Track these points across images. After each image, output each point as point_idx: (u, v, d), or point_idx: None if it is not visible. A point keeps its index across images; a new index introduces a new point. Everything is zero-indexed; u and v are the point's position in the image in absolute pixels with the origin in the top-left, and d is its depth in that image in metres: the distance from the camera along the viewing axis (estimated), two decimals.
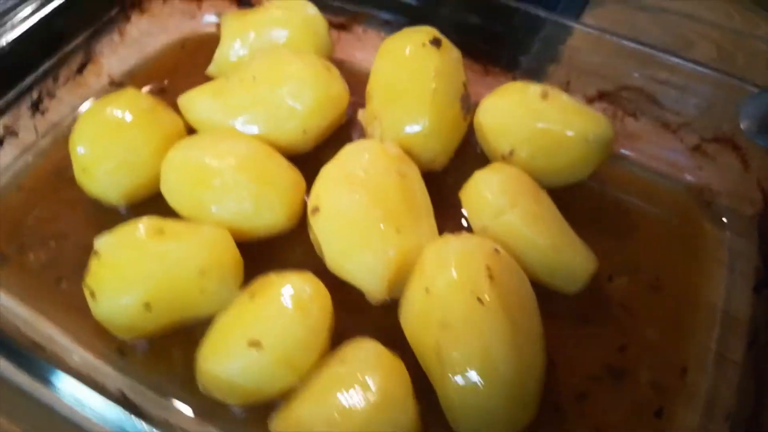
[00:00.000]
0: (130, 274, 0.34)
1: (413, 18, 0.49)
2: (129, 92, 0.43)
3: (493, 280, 0.32)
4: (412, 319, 0.34)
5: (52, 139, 0.47)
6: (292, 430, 0.31)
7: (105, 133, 0.40)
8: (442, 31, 0.46)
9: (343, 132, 0.46)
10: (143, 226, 0.36)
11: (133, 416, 0.30)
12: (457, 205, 0.41)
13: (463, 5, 0.49)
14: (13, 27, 0.44)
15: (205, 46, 0.53)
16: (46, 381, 0.31)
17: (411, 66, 0.41)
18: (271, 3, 0.49)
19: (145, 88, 0.50)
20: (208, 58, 0.51)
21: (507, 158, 0.42)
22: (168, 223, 0.37)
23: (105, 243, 0.35)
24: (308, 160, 0.43)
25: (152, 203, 0.42)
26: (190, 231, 0.36)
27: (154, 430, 0.30)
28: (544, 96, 0.41)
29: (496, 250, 0.34)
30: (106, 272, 0.34)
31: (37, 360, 0.32)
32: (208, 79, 0.49)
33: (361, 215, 0.35)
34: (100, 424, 0.32)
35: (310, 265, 0.38)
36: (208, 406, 0.35)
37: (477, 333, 0.31)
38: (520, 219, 0.37)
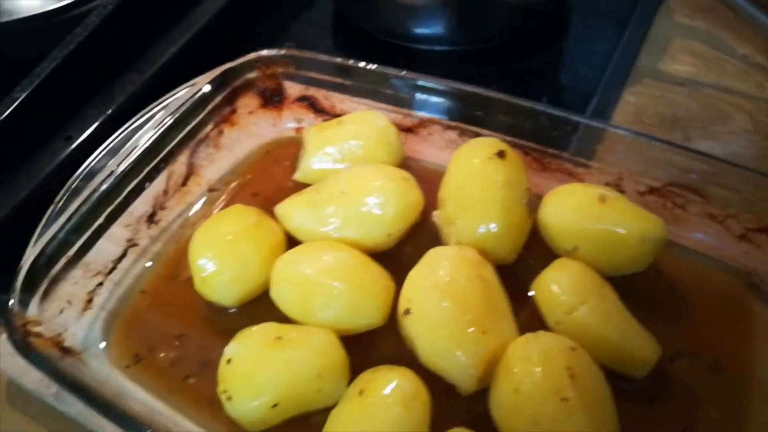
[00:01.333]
0: (261, 381, 0.41)
1: (470, 121, 0.56)
2: (236, 208, 0.51)
3: (574, 378, 0.38)
4: (504, 414, 0.40)
5: (163, 244, 0.54)
6: None
7: (220, 248, 0.48)
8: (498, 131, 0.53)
9: (417, 227, 0.53)
10: (263, 334, 0.43)
11: None
12: (527, 294, 0.47)
13: (510, 111, 0.55)
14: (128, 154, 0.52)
15: (286, 149, 0.61)
16: None
17: (480, 177, 0.48)
18: (347, 116, 0.57)
19: (236, 188, 0.58)
20: (290, 159, 0.59)
21: (571, 254, 0.47)
22: (282, 329, 0.44)
23: (234, 352, 0.42)
24: (391, 256, 0.50)
25: (257, 301, 0.49)
26: (304, 337, 0.43)
27: None
28: (602, 200, 0.46)
29: (573, 348, 0.40)
30: (239, 378, 0.41)
31: None
32: (291, 180, 0.57)
33: (450, 320, 0.42)
34: None
35: (401, 355, 0.44)
36: None
37: (563, 430, 0.37)
38: (590, 315, 0.43)
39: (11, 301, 0.42)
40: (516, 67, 0.76)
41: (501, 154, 0.48)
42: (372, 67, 0.56)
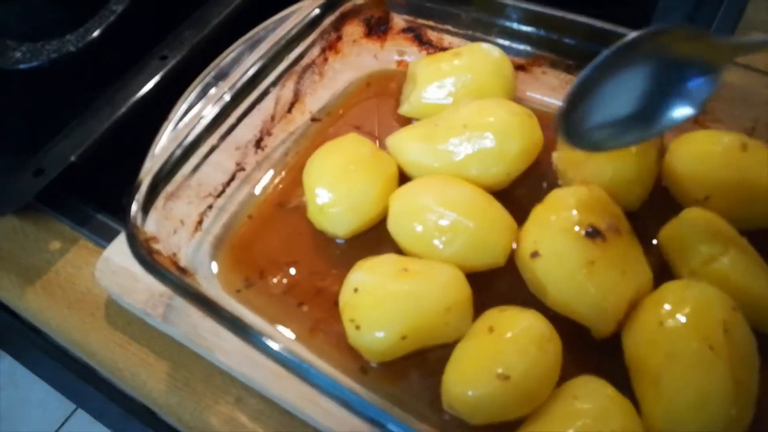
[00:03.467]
0: (391, 311, 0.40)
1: (586, 61, 0.54)
2: (352, 138, 0.49)
3: (727, 333, 0.36)
4: (639, 342, 0.39)
5: (266, 171, 0.53)
6: None
7: (339, 177, 0.47)
8: None
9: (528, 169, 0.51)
10: (389, 265, 0.42)
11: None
12: (650, 243, 0.45)
13: None
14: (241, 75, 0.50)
15: (387, 82, 0.59)
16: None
17: None
18: (462, 48, 0.54)
19: (338, 119, 0.56)
20: (391, 93, 0.58)
21: (701, 203, 0.45)
22: (405, 261, 0.43)
23: (362, 281, 0.42)
24: (502, 197, 0.48)
25: (365, 234, 0.49)
26: (431, 270, 0.42)
27: None
28: (744, 148, 0.44)
29: (734, 308, 0.38)
30: (368, 308, 0.40)
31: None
32: (395, 113, 0.55)
33: (587, 262, 0.40)
34: None
35: (517, 296, 0.44)
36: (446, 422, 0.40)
37: (700, 374, 0.36)
38: (731, 266, 0.41)
39: (133, 215, 0.42)
40: (619, 13, 0.72)
41: None
42: None
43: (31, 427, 1.47)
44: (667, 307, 0.38)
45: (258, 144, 0.52)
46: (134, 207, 0.42)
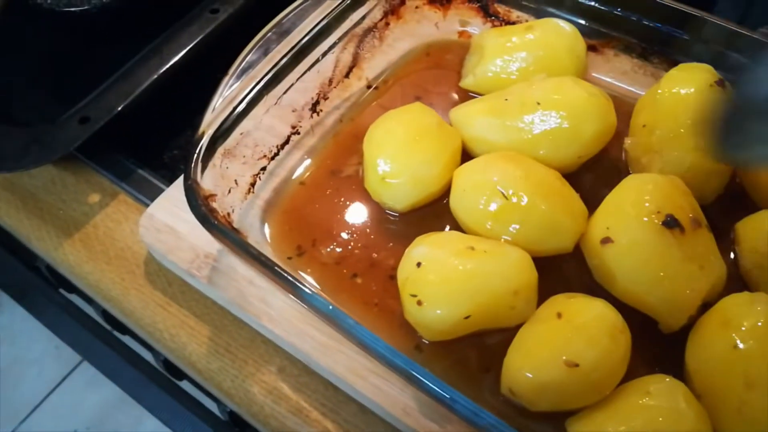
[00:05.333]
0: (457, 289, 0.39)
1: (661, 45, 0.53)
2: (416, 107, 0.48)
3: None
4: (709, 363, 0.38)
5: (320, 137, 0.52)
6: None
7: (403, 148, 0.46)
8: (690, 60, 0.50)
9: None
10: (454, 241, 0.41)
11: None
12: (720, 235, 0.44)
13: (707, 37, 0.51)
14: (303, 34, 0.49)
15: (447, 53, 0.58)
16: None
17: (698, 105, 0.44)
18: (530, 22, 0.53)
19: (396, 88, 0.55)
20: (452, 64, 0.56)
21: None
22: (471, 239, 0.42)
23: (426, 256, 0.41)
24: (570, 177, 0.47)
25: (421, 209, 0.48)
26: (498, 250, 0.41)
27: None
28: None
29: None
30: (433, 284, 0.40)
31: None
32: (456, 86, 0.54)
33: (664, 253, 0.39)
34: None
35: (582, 283, 0.43)
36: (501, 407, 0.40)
37: None
38: None
39: (193, 169, 0.41)
40: None
41: (721, 83, 0.45)
42: None
43: (27, 385, 1.48)
44: (737, 327, 0.37)
45: (314, 108, 0.51)
46: (195, 160, 0.41)
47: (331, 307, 0.36)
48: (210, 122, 0.43)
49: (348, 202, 0.49)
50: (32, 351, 1.54)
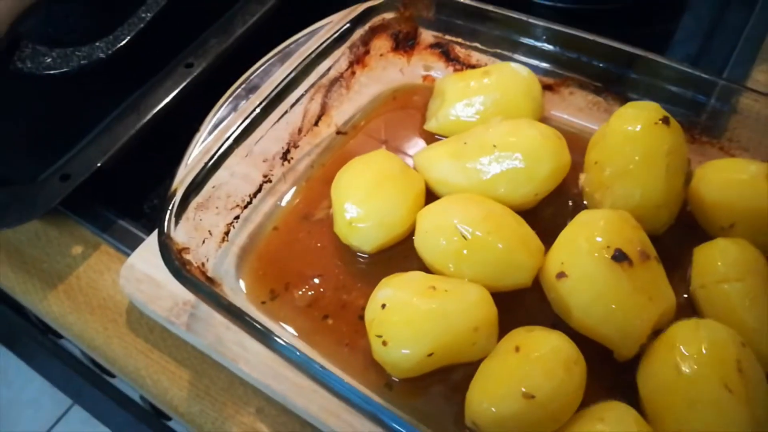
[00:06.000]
0: (419, 329, 0.42)
1: (613, 84, 0.56)
2: (381, 153, 0.51)
3: (742, 373, 0.38)
4: (658, 391, 0.40)
5: (292, 183, 0.55)
6: None
7: (368, 193, 0.48)
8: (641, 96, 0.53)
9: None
10: (416, 282, 0.44)
11: None
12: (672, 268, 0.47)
13: (654, 73, 0.54)
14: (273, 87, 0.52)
15: (413, 96, 0.61)
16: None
17: (644, 142, 0.47)
18: (491, 66, 0.56)
19: (364, 133, 0.58)
20: (417, 107, 0.59)
21: (726, 231, 0.47)
22: (432, 279, 0.45)
23: (390, 297, 0.43)
24: (529, 213, 0.49)
25: (390, 249, 0.50)
26: (458, 289, 0.44)
27: None
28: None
29: (743, 344, 0.40)
30: (396, 325, 0.42)
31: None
32: (420, 129, 0.57)
33: (615, 286, 0.42)
34: None
35: (544, 317, 0.45)
36: None
37: (721, 418, 0.38)
38: (738, 294, 0.43)
39: (167, 225, 0.43)
40: (636, 33, 0.74)
41: (666, 121, 0.47)
42: (519, 15, 0.55)
43: (24, 426, 1.48)
44: (681, 352, 0.40)
45: (285, 156, 0.54)
46: (168, 217, 0.44)
47: (298, 354, 0.38)
48: (182, 178, 0.45)
49: (320, 245, 0.51)
50: (27, 392, 1.54)
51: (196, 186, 0.46)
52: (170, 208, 0.44)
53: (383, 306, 0.43)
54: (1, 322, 0.76)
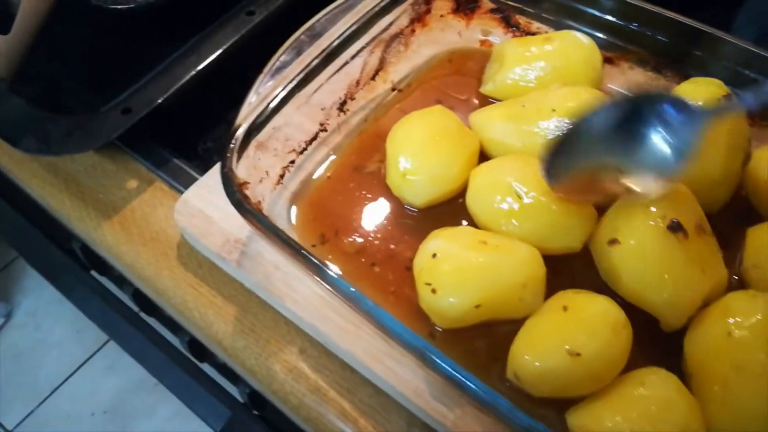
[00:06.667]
0: (469, 279, 0.42)
1: (674, 61, 0.55)
2: (437, 110, 0.51)
3: None
4: (706, 353, 0.41)
5: (346, 135, 0.55)
6: (590, 424, 0.39)
7: (423, 147, 0.49)
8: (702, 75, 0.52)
9: None
10: (467, 235, 0.44)
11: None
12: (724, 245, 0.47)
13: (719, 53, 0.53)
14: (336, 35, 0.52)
15: (469, 60, 0.61)
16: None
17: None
18: (549, 34, 0.56)
19: (419, 91, 0.58)
20: (473, 71, 0.59)
21: None
22: (483, 234, 0.45)
23: (441, 248, 0.44)
24: None
25: (439, 206, 0.51)
26: (509, 245, 0.44)
27: None
28: None
29: None
30: (446, 274, 0.43)
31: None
32: (476, 92, 0.57)
33: (668, 255, 0.42)
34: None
35: (591, 283, 0.45)
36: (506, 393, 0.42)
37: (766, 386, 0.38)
38: None
39: (229, 158, 0.44)
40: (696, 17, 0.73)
41: (728, 98, 0.47)
42: None
43: (48, 368, 1.53)
44: (734, 317, 0.40)
45: (341, 107, 0.55)
46: (231, 150, 0.45)
47: (353, 289, 0.39)
48: (246, 115, 0.46)
49: (369, 197, 0.52)
50: (54, 334, 1.58)
51: (257, 125, 0.47)
52: (233, 142, 0.45)
53: (434, 255, 0.43)
54: (47, 258, 0.79)
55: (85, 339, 1.55)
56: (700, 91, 0.48)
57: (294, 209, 0.51)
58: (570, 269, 0.47)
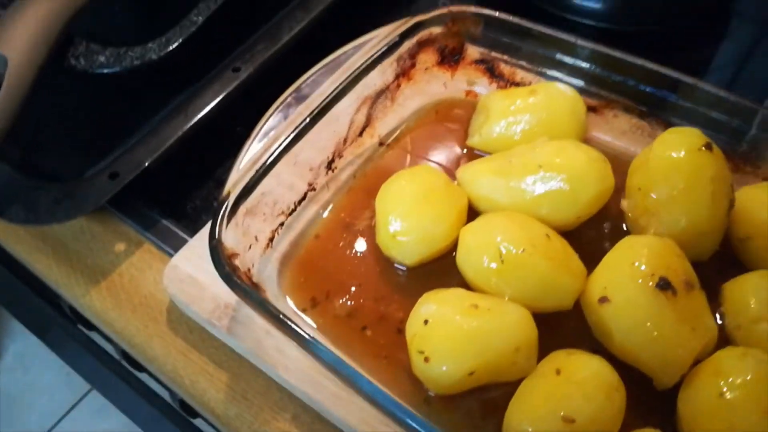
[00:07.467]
0: (462, 347, 0.42)
1: (657, 108, 0.56)
2: (425, 168, 0.51)
3: None
4: (700, 415, 0.41)
5: (334, 192, 0.55)
6: None
7: (412, 207, 0.49)
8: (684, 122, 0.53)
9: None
10: (459, 299, 0.44)
11: None
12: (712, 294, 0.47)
13: (697, 99, 0.54)
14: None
15: (455, 111, 0.62)
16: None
17: (688, 169, 0.47)
18: (533, 86, 0.57)
19: (406, 145, 0.58)
20: (459, 122, 0.60)
21: (743, 242, 0.48)
22: (473, 297, 0.45)
23: (432, 313, 0.44)
24: (568, 235, 0.50)
25: (429, 264, 0.51)
26: (500, 308, 0.44)
27: None
28: None
29: None
30: (439, 341, 0.43)
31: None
32: (463, 144, 0.58)
33: (658, 314, 0.42)
34: None
35: (583, 341, 0.46)
36: None
37: None
38: None
39: (218, 230, 0.44)
40: (675, 57, 0.74)
41: (708, 147, 0.48)
42: (566, 35, 0.56)
43: (38, 412, 1.51)
44: (725, 378, 0.40)
45: (329, 165, 0.55)
46: (219, 221, 0.45)
47: (349, 368, 0.39)
48: (235, 182, 0.46)
49: (360, 255, 0.52)
50: (44, 378, 1.57)
51: (246, 191, 0.47)
52: (223, 212, 0.45)
53: (426, 322, 0.43)
54: (35, 313, 0.78)
55: (74, 382, 1.53)
56: (680, 141, 0.49)
57: (285, 271, 0.51)
58: (563, 327, 0.48)
